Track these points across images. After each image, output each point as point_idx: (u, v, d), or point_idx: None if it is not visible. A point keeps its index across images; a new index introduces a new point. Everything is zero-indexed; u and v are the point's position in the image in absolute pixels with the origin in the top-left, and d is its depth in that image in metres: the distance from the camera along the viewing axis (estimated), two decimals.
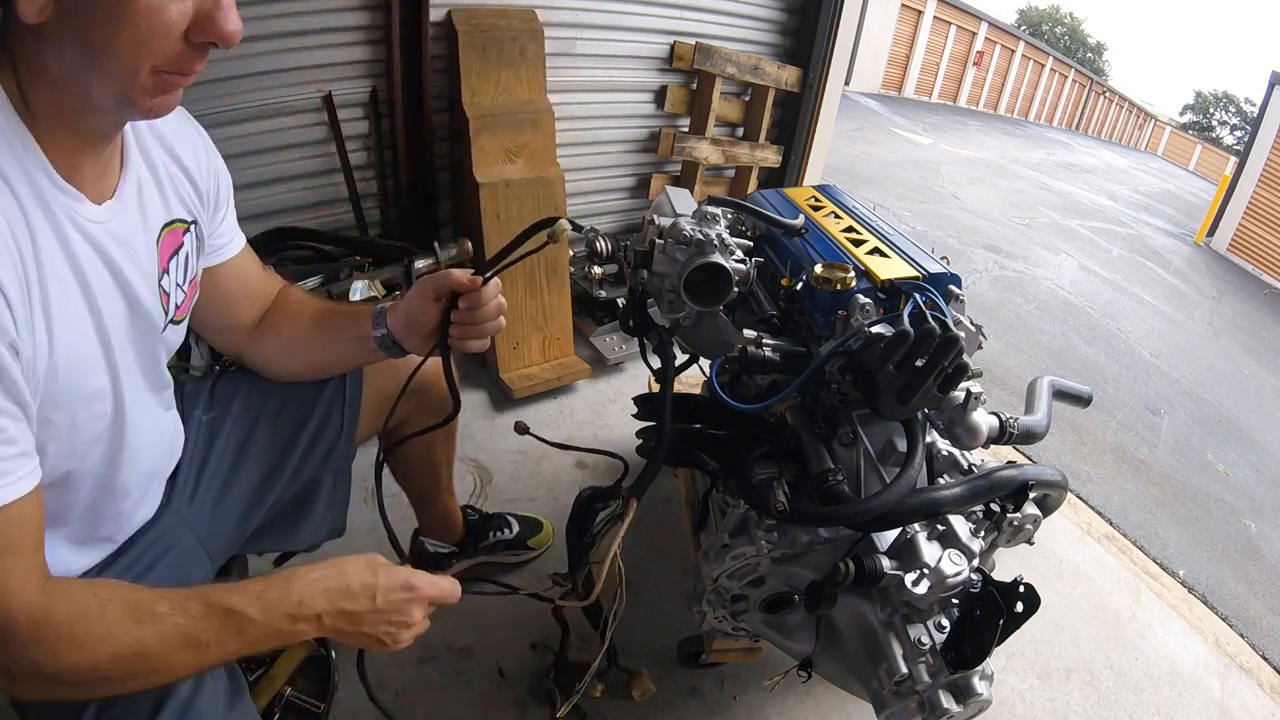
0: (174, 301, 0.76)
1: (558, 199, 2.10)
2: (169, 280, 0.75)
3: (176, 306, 0.77)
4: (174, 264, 0.75)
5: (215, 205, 0.84)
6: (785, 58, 2.81)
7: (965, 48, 19.21)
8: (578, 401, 2.20)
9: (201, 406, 0.97)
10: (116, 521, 0.79)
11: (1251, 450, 3.68)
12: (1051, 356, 3.94)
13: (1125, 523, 2.40)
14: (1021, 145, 14.38)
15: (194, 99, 1.68)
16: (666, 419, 1.09)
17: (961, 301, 1.12)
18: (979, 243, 5.85)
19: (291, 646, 1.21)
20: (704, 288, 1.19)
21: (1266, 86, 9.38)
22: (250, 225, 1.86)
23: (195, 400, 0.97)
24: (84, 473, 0.70)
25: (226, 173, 0.86)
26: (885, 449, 1.08)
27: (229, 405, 0.98)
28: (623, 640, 1.35)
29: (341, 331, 0.94)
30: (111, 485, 0.75)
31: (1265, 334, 6.30)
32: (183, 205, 0.77)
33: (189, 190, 0.78)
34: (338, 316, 0.96)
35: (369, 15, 1.86)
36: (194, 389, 0.99)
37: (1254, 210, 9.33)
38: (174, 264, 0.75)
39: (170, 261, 0.75)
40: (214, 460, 0.94)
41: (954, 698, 0.93)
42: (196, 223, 0.80)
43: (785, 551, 1.06)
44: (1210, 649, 1.84)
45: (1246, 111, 34.33)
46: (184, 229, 0.77)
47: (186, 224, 0.78)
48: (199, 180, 0.79)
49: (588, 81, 2.36)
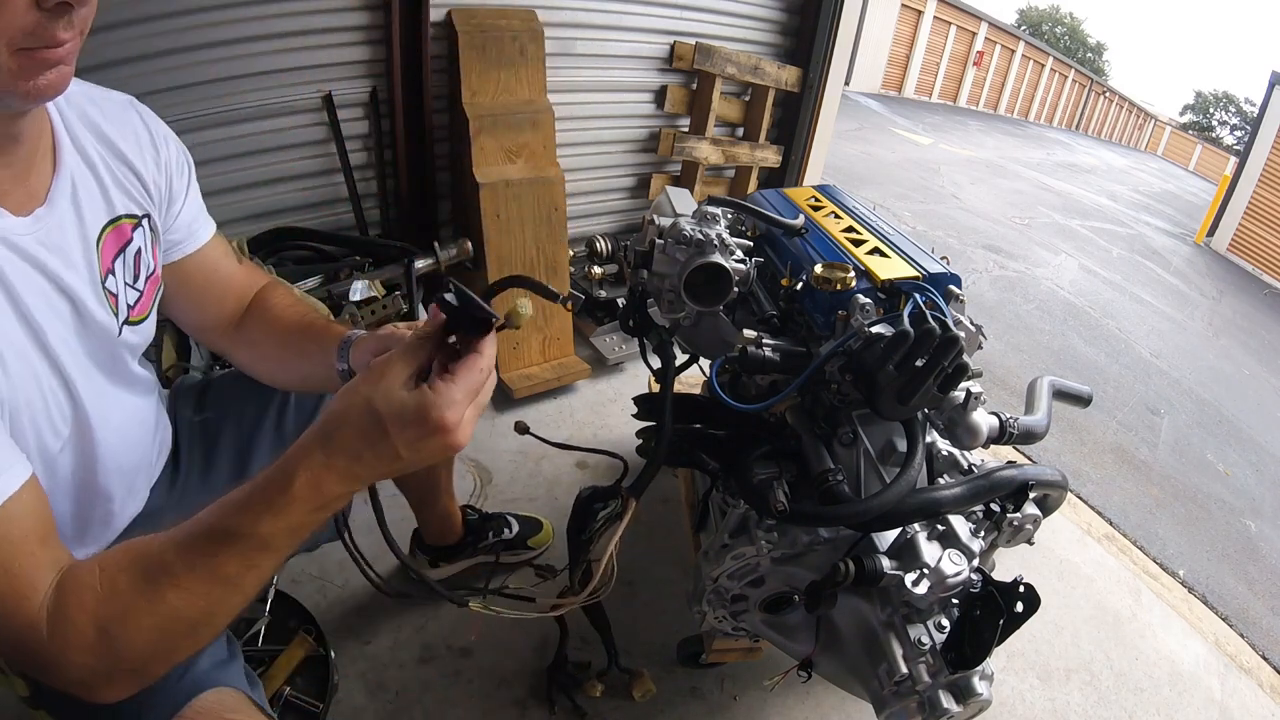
0: (125, 302, 0.72)
1: (558, 199, 2.10)
2: (115, 280, 0.71)
3: (130, 307, 0.73)
4: (120, 263, 0.71)
5: (167, 198, 0.78)
6: (785, 58, 2.81)
7: (965, 48, 19.20)
8: (578, 401, 2.20)
9: (191, 408, 0.96)
10: (105, 523, 0.78)
11: (1251, 450, 3.68)
12: (1051, 356, 3.94)
13: (1125, 523, 2.40)
14: (1021, 145, 14.37)
15: (194, 99, 1.69)
16: (667, 419, 1.09)
17: (961, 301, 1.12)
18: (979, 243, 5.85)
19: (290, 646, 1.22)
20: (704, 288, 1.19)
21: (1266, 86, 9.38)
22: (250, 225, 1.87)
23: (186, 400, 0.96)
24: (59, 481, 0.68)
25: (184, 163, 0.81)
26: (885, 449, 1.08)
27: (228, 407, 0.97)
28: (623, 640, 1.35)
29: (308, 357, 0.85)
30: (92, 489, 0.73)
31: (1265, 334, 6.30)
32: (129, 199, 0.73)
33: (134, 183, 0.74)
34: (307, 339, 0.86)
35: (369, 15, 1.86)
36: (185, 389, 0.98)
37: (1254, 210, 9.33)
38: (120, 263, 0.71)
39: (116, 261, 0.71)
40: (220, 462, 0.93)
41: (954, 698, 0.93)
42: (149, 216, 0.75)
43: (785, 551, 1.06)
44: (1210, 649, 1.84)
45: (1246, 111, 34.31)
46: (133, 224, 0.73)
47: (136, 218, 0.73)
48: (144, 172, 0.74)
49: (588, 81, 2.36)
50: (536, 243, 2.09)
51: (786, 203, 1.46)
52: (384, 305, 1.71)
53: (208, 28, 1.65)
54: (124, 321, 0.72)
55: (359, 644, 1.35)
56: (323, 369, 0.82)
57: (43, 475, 0.61)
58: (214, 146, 1.76)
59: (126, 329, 0.73)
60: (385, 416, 0.54)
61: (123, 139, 0.73)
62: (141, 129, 0.75)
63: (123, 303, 0.72)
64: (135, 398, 0.80)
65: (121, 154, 0.72)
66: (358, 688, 1.29)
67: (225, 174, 1.82)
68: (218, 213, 0.90)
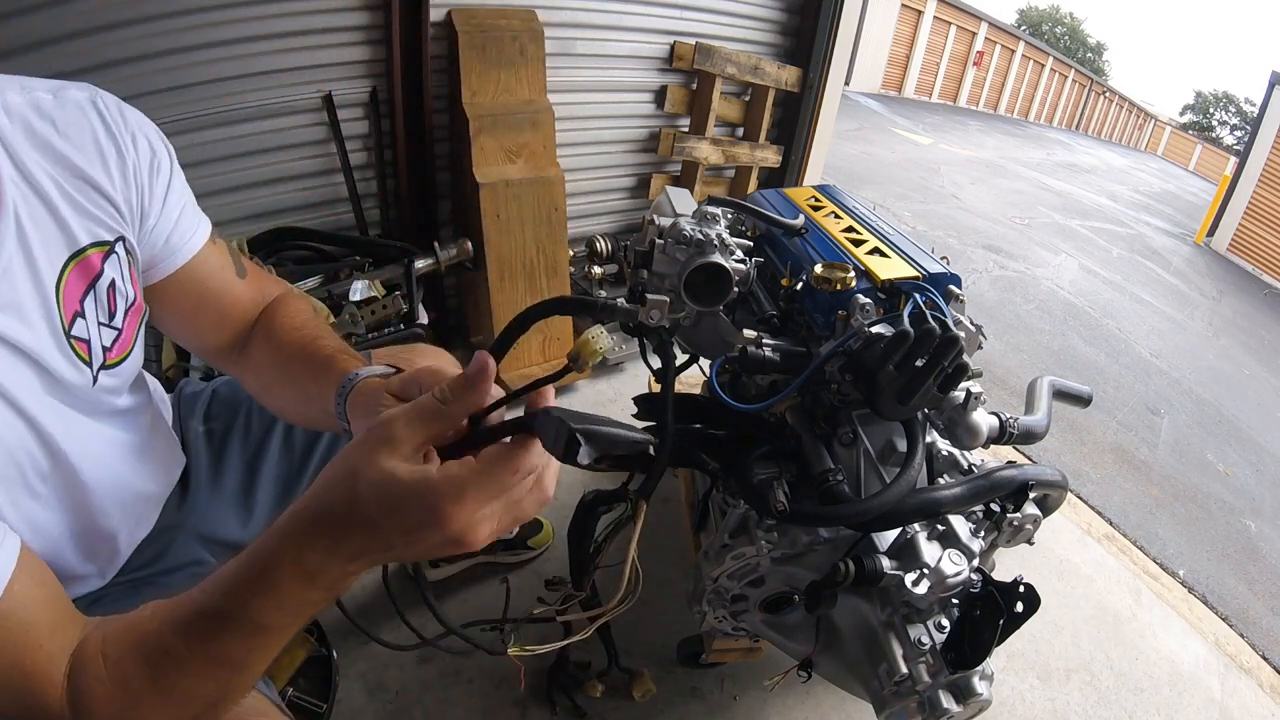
0: (99, 345, 0.63)
1: (558, 199, 2.10)
2: (85, 324, 0.61)
3: (106, 349, 0.64)
4: (90, 302, 0.61)
5: (139, 211, 0.66)
6: (785, 58, 2.80)
7: (965, 48, 19.21)
8: (578, 401, 2.20)
9: (198, 417, 0.92)
10: (111, 560, 0.75)
11: (1251, 450, 3.67)
12: (1051, 356, 3.94)
13: (1125, 523, 2.40)
14: (1021, 145, 14.37)
15: (194, 99, 1.68)
16: (669, 420, 1.09)
17: (961, 301, 1.12)
18: (979, 243, 5.85)
19: (292, 646, 1.22)
20: (704, 288, 1.19)
21: (1266, 86, 9.38)
22: (250, 225, 1.87)
23: (191, 408, 0.92)
24: (58, 541, 0.65)
25: (159, 160, 0.67)
26: (885, 449, 1.08)
27: (234, 419, 0.94)
28: (623, 640, 1.35)
29: (304, 394, 0.71)
30: (94, 533, 0.69)
31: (1265, 334, 6.30)
32: (95, 224, 0.61)
33: (100, 204, 0.62)
34: (307, 371, 0.71)
35: (369, 15, 1.86)
36: (191, 396, 0.95)
37: (1254, 210, 9.33)
38: (90, 302, 0.61)
39: (85, 300, 0.61)
40: (228, 473, 0.91)
41: (954, 698, 0.93)
42: (122, 239, 0.64)
43: (785, 551, 1.06)
44: (1210, 649, 1.84)
45: (1246, 111, 34.34)
46: (102, 253, 0.62)
47: (105, 245, 0.62)
48: (110, 188, 0.62)
49: (588, 81, 2.36)
50: (536, 243, 2.09)
51: (786, 203, 1.46)
52: (384, 305, 1.71)
53: (208, 28, 1.65)
54: (100, 368, 0.64)
55: (359, 643, 1.35)
56: (318, 412, 0.69)
57: (39, 543, 0.57)
58: (214, 146, 1.76)
59: (103, 375, 0.64)
60: (369, 499, 0.44)
61: (81, 152, 0.60)
62: (102, 132, 0.63)
63: (96, 347, 0.63)
64: (126, 433, 0.72)
65: (81, 172, 0.60)
66: (358, 688, 1.29)
67: (225, 174, 1.82)
68: (218, 213, 0.85)
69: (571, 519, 1.15)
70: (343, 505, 0.45)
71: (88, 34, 1.47)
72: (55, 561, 0.63)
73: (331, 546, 0.46)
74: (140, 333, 0.69)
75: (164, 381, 0.95)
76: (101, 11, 1.47)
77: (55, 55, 1.45)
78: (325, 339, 0.74)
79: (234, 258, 0.78)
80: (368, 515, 0.44)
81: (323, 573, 0.47)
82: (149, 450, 0.76)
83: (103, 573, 0.74)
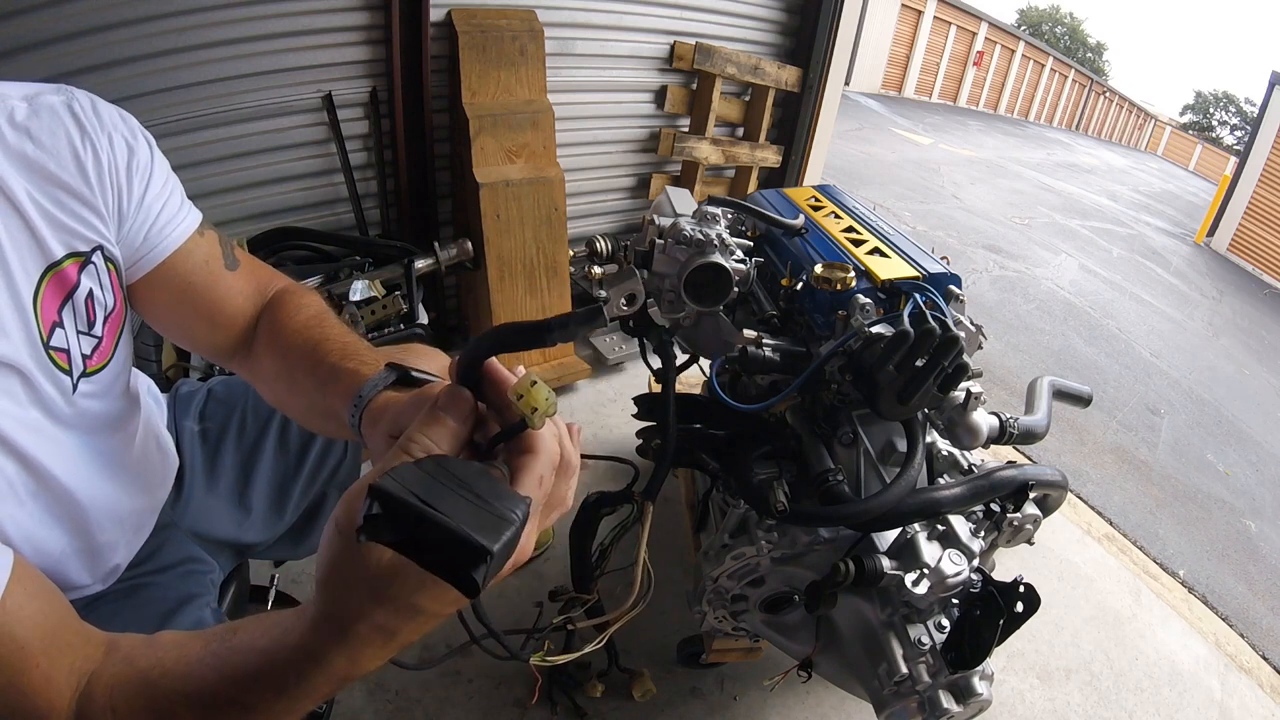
0: (78, 353, 0.62)
1: (558, 199, 2.10)
2: (64, 334, 0.61)
3: (85, 357, 0.63)
4: (68, 312, 0.61)
5: (118, 213, 0.65)
6: (785, 58, 2.81)
7: (965, 48, 19.20)
8: (578, 401, 2.20)
9: (192, 417, 0.92)
10: (115, 571, 0.75)
11: (1251, 450, 3.67)
12: (1051, 356, 3.94)
13: (1125, 523, 2.40)
14: (1021, 145, 14.37)
15: (194, 99, 1.68)
16: (671, 420, 1.09)
17: (961, 301, 1.12)
18: (979, 243, 5.85)
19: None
20: (704, 288, 1.19)
21: (1266, 86, 9.38)
22: (250, 225, 1.87)
23: (186, 408, 0.92)
24: (59, 559, 0.65)
25: (138, 165, 0.65)
26: (885, 449, 1.08)
27: (229, 418, 0.94)
28: (623, 640, 1.35)
29: (307, 399, 0.69)
30: (92, 550, 0.69)
31: (1265, 334, 6.30)
32: (70, 235, 0.60)
33: (78, 211, 0.61)
34: (311, 376, 0.67)
35: (369, 15, 1.86)
36: (186, 396, 0.95)
37: (1254, 210, 9.33)
38: (68, 312, 0.61)
39: (62, 311, 0.60)
40: (222, 473, 0.91)
41: (954, 698, 0.93)
42: (100, 247, 0.63)
43: (785, 551, 1.06)
44: (1210, 649, 1.84)
45: (1246, 111, 34.33)
46: (78, 264, 0.61)
47: (82, 255, 0.61)
48: (88, 192, 0.61)
49: (588, 81, 2.36)
50: (536, 243, 2.09)
51: (786, 203, 1.46)
52: (384, 305, 1.71)
53: (208, 28, 1.65)
54: (80, 376, 0.63)
55: None
56: (320, 417, 0.66)
57: (39, 559, 0.56)
58: (214, 146, 1.76)
59: (83, 382, 0.63)
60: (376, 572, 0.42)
61: (56, 159, 0.59)
62: (78, 136, 0.61)
63: (76, 355, 0.62)
64: (112, 445, 0.71)
65: (57, 179, 0.59)
66: (357, 688, 1.29)
67: (225, 174, 1.82)
68: (218, 213, 0.84)
69: (573, 521, 1.13)
70: (350, 574, 0.44)
71: (88, 34, 1.47)
72: (57, 577, 0.62)
73: (351, 625, 0.44)
74: (121, 341, 0.68)
75: (164, 381, 0.95)
76: (101, 11, 1.47)
77: (55, 55, 1.45)
78: (331, 340, 0.70)
79: (225, 249, 0.75)
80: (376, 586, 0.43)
81: (355, 655, 0.45)
82: (140, 460, 0.76)
83: (104, 581, 0.74)
